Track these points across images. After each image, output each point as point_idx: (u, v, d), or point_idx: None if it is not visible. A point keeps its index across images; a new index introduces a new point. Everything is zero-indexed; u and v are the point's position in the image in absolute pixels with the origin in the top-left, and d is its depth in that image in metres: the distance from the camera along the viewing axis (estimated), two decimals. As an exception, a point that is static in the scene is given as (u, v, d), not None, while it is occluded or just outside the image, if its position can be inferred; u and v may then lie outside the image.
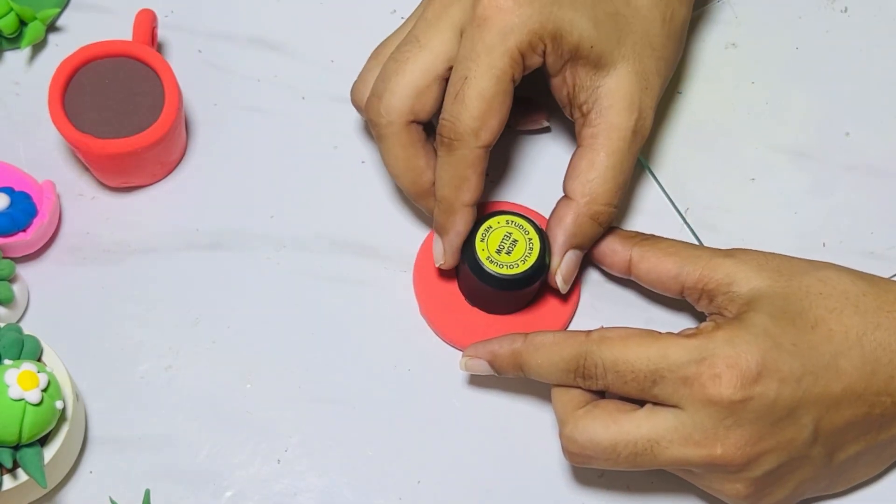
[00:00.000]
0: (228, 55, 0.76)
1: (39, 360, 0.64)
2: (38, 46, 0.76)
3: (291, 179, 0.74)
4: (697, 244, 0.70)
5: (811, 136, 0.75)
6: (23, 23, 0.74)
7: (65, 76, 0.70)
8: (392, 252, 0.73)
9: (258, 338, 0.71)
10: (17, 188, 0.70)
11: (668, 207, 0.74)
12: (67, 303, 0.71)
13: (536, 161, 0.75)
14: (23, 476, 0.63)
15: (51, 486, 0.66)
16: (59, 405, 0.62)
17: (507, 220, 0.68)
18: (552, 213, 0.68)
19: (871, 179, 0.75)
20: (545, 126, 0.75)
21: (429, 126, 0.68)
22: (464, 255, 0.68)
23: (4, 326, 0.64)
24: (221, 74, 0.76)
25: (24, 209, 0.69)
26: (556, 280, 0.68)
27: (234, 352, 0.70)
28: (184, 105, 0.72)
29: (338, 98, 0.74)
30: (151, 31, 0.72)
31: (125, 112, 0.70)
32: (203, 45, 0.76)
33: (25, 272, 0.71)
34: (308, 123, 0.75)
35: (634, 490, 0.69)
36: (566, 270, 0.68)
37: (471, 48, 0.64)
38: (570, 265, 0.68)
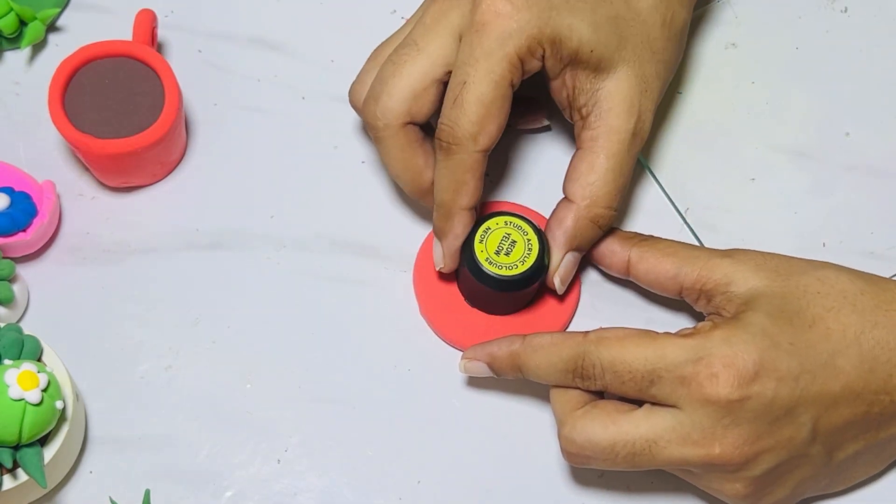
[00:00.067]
0: (228, 55, 0.76)
1: (39, 360, 0.64)
2: (38, 46, 0.76)
3: (291, 179, 0.74)
4: (696, 245, 0.70)
5: (811, 136, 0.75)
6: (23, 23, 0.74)
7: (65, 76, 0.70)
8: (392, 252, 0.73)
9: (258, 338, 0.71)
10: (17, 188, 0.70)
11: (668, 207, 0.74)
12: (67, 303, 0.71)
13: (536, 161, 0.74)
14: (23, 476, 0.63)
15: (51, 486, 0.66)
16: (59, 405, 0.62)
17: (506, 221, 0.68)
18: (552, 215, 0.68)
19: (871, 179, 0.75)
20: (545, 125, 0.75)
21: (427, 125, 0.68)
22: (463, 257, 0.68)
23: (4, 326, 0.64)
24: (221, 74, 0.76)
25: (24, 209, 0.69)
26: (554, 281, 0.68)
27: (234, 352, 0.70)
28: (184, 105, 0.72)
29: (338, 98, 0.74)
30: (151, 31, 0.72)
31: (125, 112, 0.70)
32: (203, 45, 0.76)
33: (25, 272, 0.71)
34: (308, 123, 0.75)
35: (634, 490, 0.69)
36: (564, 272, 0.68)
37: (469, 53, 0.64)
38: (569, 267, 0.68)
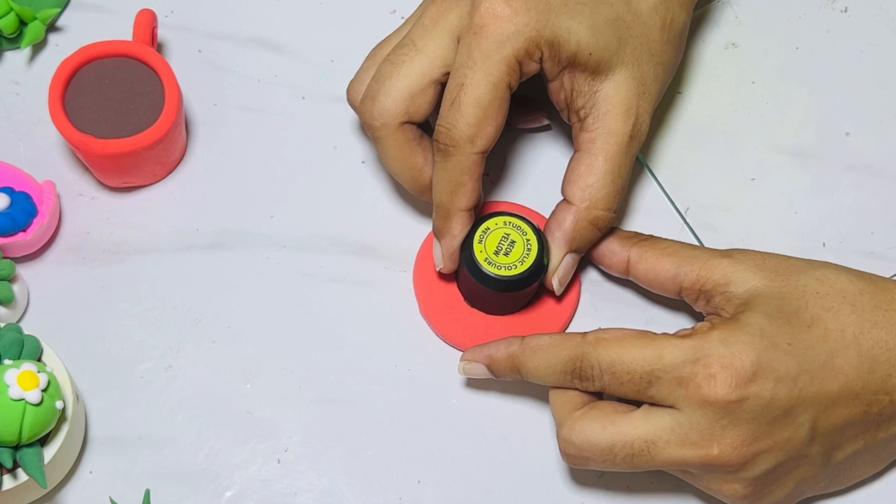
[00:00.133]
0: (228, 55, 0.76)
1: (39, 360, 0.64)
2: (38, 46, 0.76)
3: (291, 179, 0.74)
4: (695, 245, 0.70)
5: (811, 136, 0.75)
6: (23, 23, 0.74)
7: (65, 76, 0.70)
8: (392, 252, 0.73)
9: (258, 338, 0.71)
10: (18, 188, 0.70)
11: (668, 207, 0.74)
12: (67, 303, 0.71)
13: (535, 161, 0.74)
14: (23, 476, 0.63)
15: (51, 486, 0.66)
16: (59, 405, 0.62)
17: (505, 222, 0.68)
18: (551, 216, 0.68)
19: (871, 179, 0.75)
20: (545, 125, 0.74)
21: (426, 123, 0.68)
22: (462, 257, 0.68)
23: (4, 326, 0.64)
24: (221, 74, 0.76)
25: (24, 209, 0.69)
26: (553, 282, 0.68)
27: (234, 352, 0.70)
28: (184, 105, 0.72)
29: (338, 98, 0.74)
30: (151, 31, 0.72)
31: (125, 112, 0.70)
32: (203, 45, 0.76)
33: (25, 272, 0.71)
34: (308, 123, 0.75)
35: (634, 490, 0.69)
36: (562, 273, 0.68)
37: (467, 55, 0.64)
38: (567, 268, 0.68)
